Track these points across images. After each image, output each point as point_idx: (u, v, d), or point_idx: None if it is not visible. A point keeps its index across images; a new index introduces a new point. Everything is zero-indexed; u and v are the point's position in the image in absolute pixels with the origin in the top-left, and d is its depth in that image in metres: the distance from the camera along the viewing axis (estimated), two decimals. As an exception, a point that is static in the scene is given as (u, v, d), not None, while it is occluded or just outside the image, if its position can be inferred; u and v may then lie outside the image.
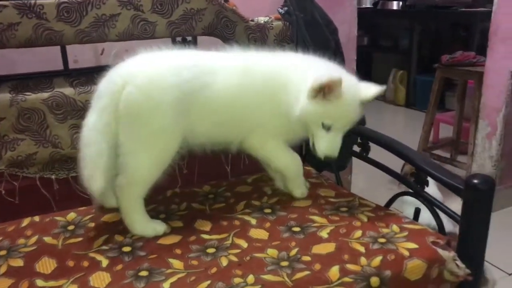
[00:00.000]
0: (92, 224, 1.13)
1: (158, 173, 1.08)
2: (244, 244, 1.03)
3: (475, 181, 0.96)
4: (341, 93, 1.04)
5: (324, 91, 1.04)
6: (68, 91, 1.28)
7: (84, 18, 1.25)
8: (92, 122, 1.03)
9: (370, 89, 1.11)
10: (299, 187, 1.24)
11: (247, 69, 1.14)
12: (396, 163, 1.32)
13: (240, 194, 1.29)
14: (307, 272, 0.91)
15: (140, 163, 1.05)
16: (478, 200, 0.97)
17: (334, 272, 0.91)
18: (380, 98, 4.78)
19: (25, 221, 1.15)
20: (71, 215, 1.17)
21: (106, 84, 1.06)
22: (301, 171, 1.24)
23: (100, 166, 1.00)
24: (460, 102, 3.02)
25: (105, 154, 1.01)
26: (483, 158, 2.44)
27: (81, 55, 1.56)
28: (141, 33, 1.35)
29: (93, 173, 1.00)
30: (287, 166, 1.22)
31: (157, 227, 1.09)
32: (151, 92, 1.02)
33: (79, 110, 1.28)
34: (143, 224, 1.08)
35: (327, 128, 1.09)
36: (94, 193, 1.02)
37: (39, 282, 0.92)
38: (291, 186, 1.24)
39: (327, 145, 1.09)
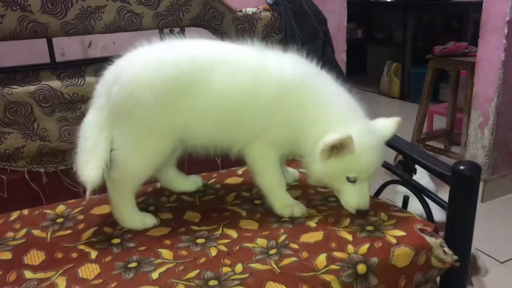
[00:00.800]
0: (81, 217, 1.13)
1: (148, 171, 1.07)
2: (234, 234, 1.03)
3: (462, 167, 0.97)
4: (354, 148, 0.96)
5: (337, 148, 0.97)
6: (55, 84, 1.28)
7: (70, 10, 1.24)
8: (90, 120, 1.04)
9: (389, 125, 1.05)
10: (284, 209, 1.09)
11: (259, 71, 1.02)
12: (390, 154, 1.32)
13: (230, 185, 1.29)
14: (294, 259, 0.91)
15: (130, 161, 1.03)
16: (465, 186, 0.98)
17: (321, 259, 0.91)
18: (375, 90, 4.80)
19: (14, 215, 1.15)
20: (60, 208, 1.17)
21: (101, 83, 1.05)
22: (281, 194, 1.11)
23: (95, 157, 1.00)
24: (453, 93, 3.02)
25: (101, 147, 1.01)
26: (476, 148, 2.45)
27: (69, 48, 1.55)
28: (128, 25, 1.34)
29: (87, 162, 0.99)
30: (267, 188, 1.11)
31: (146, 220, 1.08)
32: (134, 90, 0.98)
33: (67, 103, 1.27)
34: (132, 218, 1.07)
35: (353, 180, 1.01)
36: (86, 181, 0.97)
37: (28, 273, 0.92)
38: (275, 207, 1.10)
39: (357, 199, 1.02)
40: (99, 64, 1.34)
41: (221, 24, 1.46)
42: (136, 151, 1.02)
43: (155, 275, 0.89)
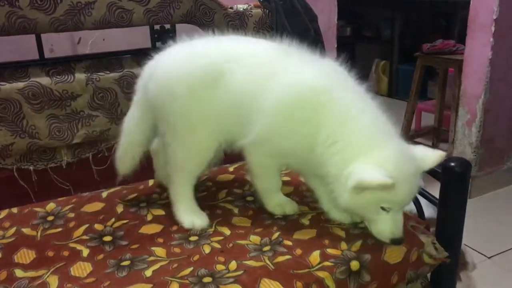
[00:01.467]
0: (72, 214, 1.12)
1: (198, 165, 1.06)
2: (227, 231, 1.03)
3: (452, 163, 0.98)
4: (394, 186, 0.85)
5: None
6: (45, 80, 1.26)
7: (59, 6, 1.23)
8: (130, 114, 1.12)
9: (431, 157, 0.94)
10: (276, 207, 1.08)
11: (275, 72, 0.96)
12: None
13: (221, 182, 1.29)
14: (288, 257, 0.92)
15: (178, 155, 1.04)
16: (455, 182, 0.99)
17: (314, 256, 0.92)
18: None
19: (3, 213, 1.13)
20: (50, 206, 1.16)
21: (141, 78, 1.09)
22: (274, 195, 1.09)
23: (130, 154, 1.11)
24: (441, 90, 3.05)
25: (137, 144, 1.11)
26: (463, 145, 2.48)
27: (58, 44, 1.53)
28: (118, 21, 1.33)
29: (122, 158, 1.12)
30: (261, 188, 1.09)
31: (196, 221, 1.04)
32: (167, 83, 1.00)
33: (56, 100, 1.26)
34: (184, 214, 1.06)
35: (387, 210, 0.91)
36: (120, 173, 1.13)
37: (18, 272, 0.91)
38: (267, 206, 1.09)
39: (391, 228, 0.92)
40: (89, 60, 1.34)
41: (212, 20, 1.46)
42: (181, 145, 1.03)
43: (148, 273, 0.89)
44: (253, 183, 1.11)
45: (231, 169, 1.37)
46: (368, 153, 0.88)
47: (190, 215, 1.05)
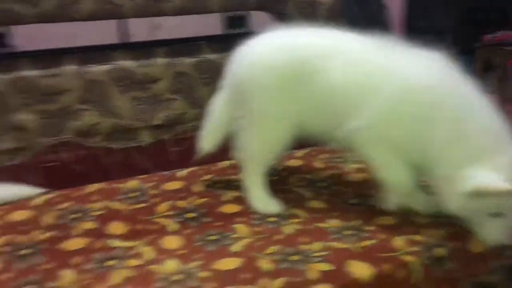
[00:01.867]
0: (155, 191, 1.17)
1: (270, 154, 1.08)
2: (303, 214, 1.05)
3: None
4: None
5: None
6: (129, 64, 1.32)
7: (142, -8, 1.28)
8: (219, 97, 1.13)
9: None
10: (393, 202, 1.03)
11: (384, 68, 0.93)
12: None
13: (291, 168, 1.31)
14: (373, 241, 0.93)
15: (251, 143, 1.06)
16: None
17: (399, 242, 0.92)
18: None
19: (89, 188, 1.19)
20: (133, 183, 1.21)
21: (231, 63, 1.08)
22: (406, 189, 1.01)
23: (213, 132, 1.14)
24: (501, 82, 2.95)
25: (222, 124, 1.12)
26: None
27: (137, 30, 1.59)
28: (196, 8, 1.37)
29: (205, 136, 1.15)
30: (393, 183, 1.00)
31: (270, 207, 1.06)
32: (258, 71, 1.01)
33: (139, 83, 1.32)
34: (257, 200, 1.07)
35: (497, 215, 0.88)
36: (202, 151, 1.15)
37: (115, 242, 0.96)
38: (388, 196, 1.04)
39: (499, 233, 0.89)
40: (168, 46, 1.38)
41: (285, 8, 1.47)
42: (256, 133, 1.05)
43: (235, 248, 0.92)
44: (381, 181, 1.02)
45: (298, 154, 1.39)
46: (486, 156, 0.85)
47: (264, 202, 1.07)
